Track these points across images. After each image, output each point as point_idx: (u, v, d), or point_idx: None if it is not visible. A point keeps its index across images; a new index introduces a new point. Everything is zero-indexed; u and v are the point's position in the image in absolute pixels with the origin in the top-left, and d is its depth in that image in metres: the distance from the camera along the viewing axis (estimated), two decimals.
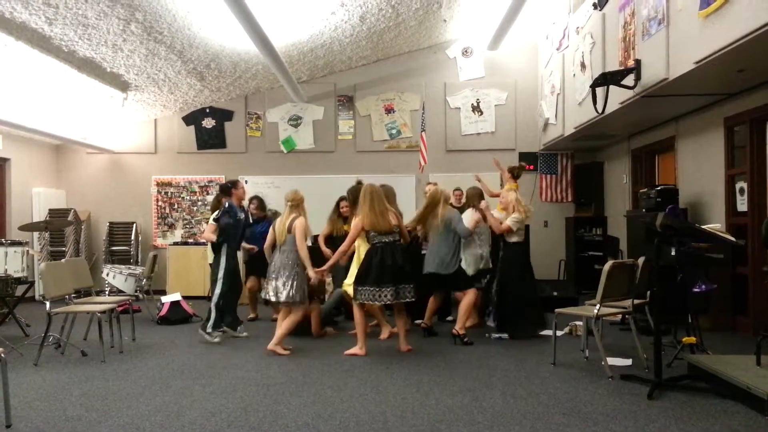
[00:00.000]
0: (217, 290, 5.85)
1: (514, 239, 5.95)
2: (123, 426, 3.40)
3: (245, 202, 6.71)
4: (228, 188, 6.15)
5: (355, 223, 5.32)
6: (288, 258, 5.27)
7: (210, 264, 6.31)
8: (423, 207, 5.89)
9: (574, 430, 3.26)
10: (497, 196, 6.94)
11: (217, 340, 5.78)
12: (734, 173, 6.11)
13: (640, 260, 4.87)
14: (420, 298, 5.51)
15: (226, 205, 5.95)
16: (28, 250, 7.11)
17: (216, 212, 6.17)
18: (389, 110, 9.95)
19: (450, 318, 6.69)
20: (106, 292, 8.21)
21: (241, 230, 6.12)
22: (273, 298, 5.31)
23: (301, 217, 5.34)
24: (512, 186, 6.72)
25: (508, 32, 8.50)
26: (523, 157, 9.80)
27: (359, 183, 6.11)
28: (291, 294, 5.20)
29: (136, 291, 8.19)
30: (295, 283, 5.21)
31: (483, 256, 6.31)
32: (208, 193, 9.99)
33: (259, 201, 7.33)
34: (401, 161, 9.87)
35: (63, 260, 6.09)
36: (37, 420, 3.52)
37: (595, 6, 6.92)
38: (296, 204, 5.38)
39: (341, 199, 6.79)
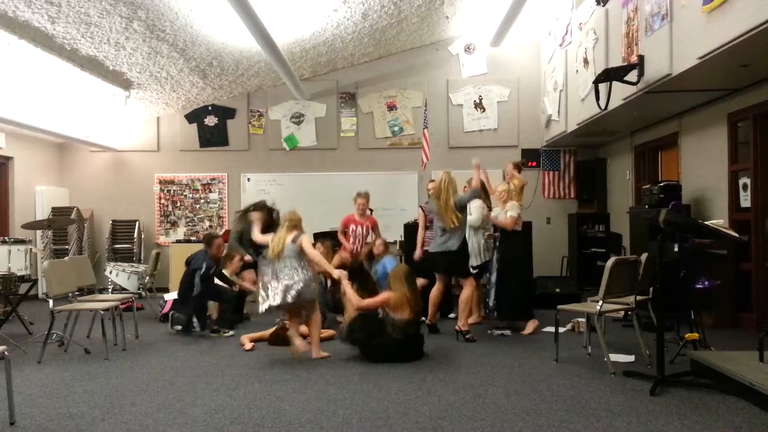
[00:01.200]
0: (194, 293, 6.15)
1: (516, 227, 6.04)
2: (126, 423, 3.41)
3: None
4: (209, 240, 6.46)
5: (385, 297, 5.05)
6: (294, 263, 5.10)
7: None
8: (441, 205, 5.69)
9: (576, 427, 3.26)
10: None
11: (178, 328, 6.14)
12: (737, 169, 6.09)
13: (643, 256, 4.86)
14: (423, 296, 5.53)
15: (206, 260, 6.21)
16: (31, 248, 7.14)
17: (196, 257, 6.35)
18: (391, 107, 9.94)
19: (452, 315, 6.69)
20: (109, 290, 8.24)
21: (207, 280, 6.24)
22: (289, 299, 5.04)
23: (304, 234, 5.26)
24: (520, 181, 6.72)
25: (510, 29, 8.48)
26: (526, 153, 9.79)
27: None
28: (310, 292, 5.11)
29: (138, 289, 8.22)
30: (311, 282, 5.13)
31: (488, 247, 6.35)
32: (210, 191, 10.01)
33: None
34: (404, 158, 9.86)
35: (66, 258, 6.10)
36: (41, 417, 3.53)
37: (598, 2, 6.89)
38: (294, 224, 5.24)
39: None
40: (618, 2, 6.36)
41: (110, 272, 8.30)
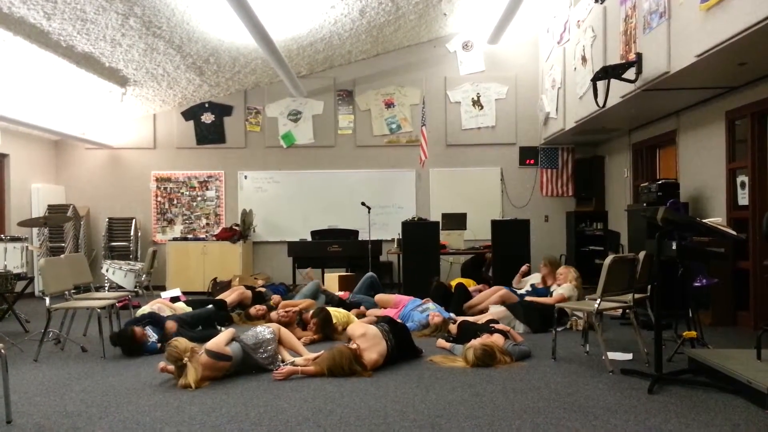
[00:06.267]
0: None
1: None
2: (123, 421, 3.39)
3: None
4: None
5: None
6: None
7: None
8: None
9: (574, 425, 3.25)
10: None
11: None
12: (735, 167, 6.10)
13: (641, 255, 4.85)
14: None
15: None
16: (27, 246, 7.11)
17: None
18: (389, 105, 9.92)
19: None
20: (106, 288, 8.23)
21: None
22: None
23: None
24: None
25: (508, 26, 8.47)
26: (524, 151, 9.80)
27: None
28: None
29: (135, 286, 8.21)
30: None
31: None
32: (207, 189, 9.99)
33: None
34: (401, 156, 9.85)
35: (62, 256, 6.08)
36: (38, 416, 3.51)
37: None
38: None
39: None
40: (616, 0, 6.35)
41: (107, 270, 8.29)
